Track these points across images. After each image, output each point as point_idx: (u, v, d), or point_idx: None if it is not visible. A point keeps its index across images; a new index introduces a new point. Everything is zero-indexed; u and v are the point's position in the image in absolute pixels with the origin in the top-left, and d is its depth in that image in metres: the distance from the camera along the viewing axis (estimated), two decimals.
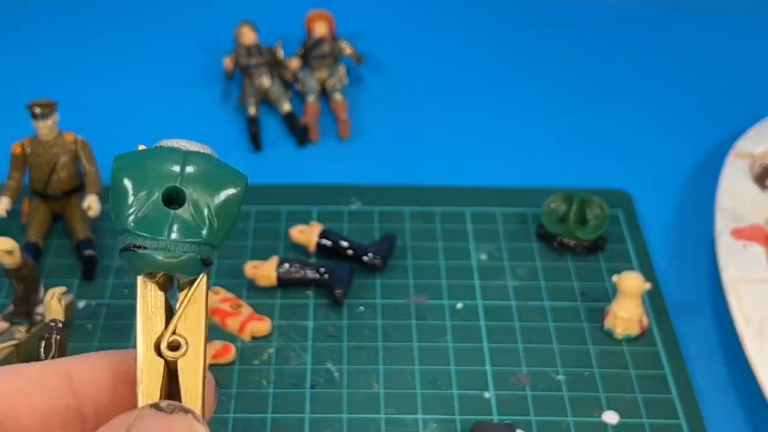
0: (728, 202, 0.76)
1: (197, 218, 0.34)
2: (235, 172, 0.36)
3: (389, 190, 0.83)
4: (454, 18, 1.10)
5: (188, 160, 0.35)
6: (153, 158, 0.35)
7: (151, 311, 0.34)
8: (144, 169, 0.34)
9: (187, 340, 0.34)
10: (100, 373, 0.35)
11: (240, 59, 0.94)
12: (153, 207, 0.34)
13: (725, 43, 1.05)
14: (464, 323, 0.70)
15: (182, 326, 0.34)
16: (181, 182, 0.34)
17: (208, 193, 0.34)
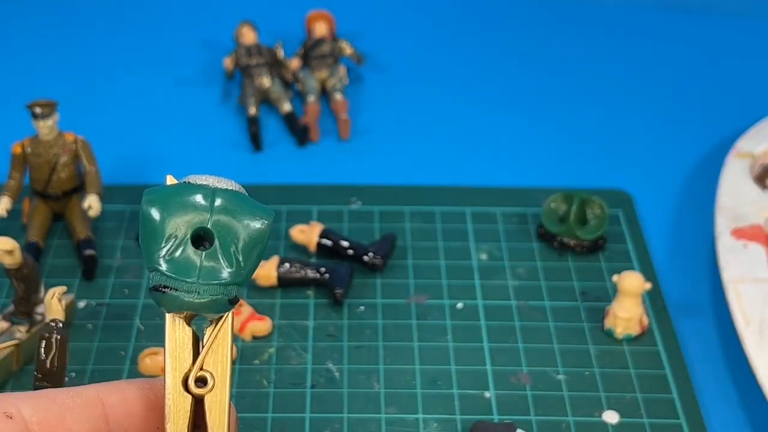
0: (728, 202, 0.76)
1: (225, 259, 0.35)
2: (262, 210, 0.36)
3: (389, 190, 0.83)
4: (454, 18, 1.10)
5: (217, 199, 0.35)
6: (183, 196, 0.35)
7: (179, 347, 0.35)
8: (174, 208, 0.35)
9: (213, 376, 0.35)
10: (131, 401, 0.36)
11: (240, 59, 0.94)
12: (182, 247, 0.34)
13: (725, 43, 1.05)
14: (464, 323, 0.70)
15: (209, 361, 0.35)
16: (209, 223, 0.35)
17: (236, 234, 0.35)
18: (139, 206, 0.36)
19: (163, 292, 0.34)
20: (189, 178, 0.36)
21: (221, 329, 0.36)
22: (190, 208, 0.35)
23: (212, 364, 0.35)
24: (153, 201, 0.35)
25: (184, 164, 0.86)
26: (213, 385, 0.35)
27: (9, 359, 0.64)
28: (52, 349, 0.56)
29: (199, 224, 0.35)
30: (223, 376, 0.35)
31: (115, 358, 0.67)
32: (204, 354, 0.35)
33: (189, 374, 0.35)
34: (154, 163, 0.86)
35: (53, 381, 0.57)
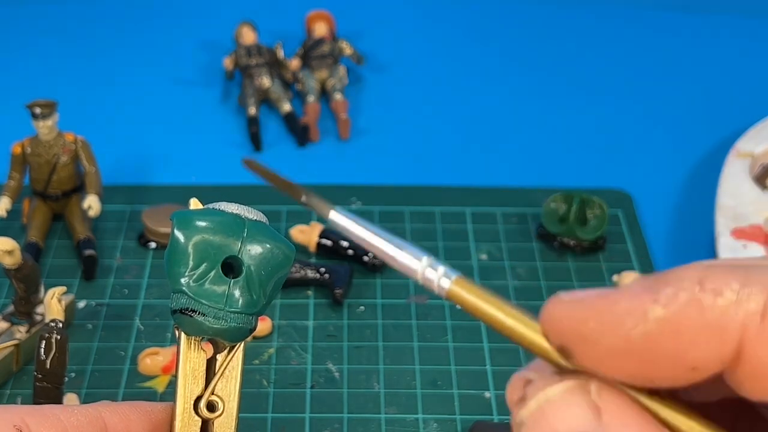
0: (728, 201, 0.76)
1: (251, 290, 0.36)
2: (286, 244, 0.37)
3: (389, 190, 0.83)
4: (454, 18, 1.10)
5: (247, 229, 0.36)
6: (215, 223, 0.36)
7: (193, 370, 0.36)
8: (206, 234, 0.36)
9: (223, 401, 0.36)
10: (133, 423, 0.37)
11: (240, 59, 0.94)
12: (212, 274, 0.35)
13: (725, 43, 1.05)
14: (464, 323, 0.70)
15: (220, 387, 0.36)
16: (240, 252, 0.36)
17: (263, 266, 0.36)
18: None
19: (190, 316, 0.35)
20: (218, 205, 0.37)
21: (234, 356, 0.37)
22: (222, 235, 0.36)
23: (223, 389, 0.36)
24: (185, 225, 0.36)
25: (184, 164, 0.86)
26: (222, 410, 0.36)
27: (9, 359, 0.64)
28: (52, 349, 0.56)
29: (231, 253, 0.36)
30: (233, 402, 0.36)
31: (115, 358, 0.67)
32: (216, 379, 0.36)
33: (201, 398, 0.36)
34: (154, 163, 0.86)
35: (53, 381, 0.57)
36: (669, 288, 0.25)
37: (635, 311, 0.25)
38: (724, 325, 0.25)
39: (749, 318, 0.25)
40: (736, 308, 0.25)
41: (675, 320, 0.25)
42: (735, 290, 0.25)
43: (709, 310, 0.25)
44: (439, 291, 0.29)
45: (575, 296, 0.27)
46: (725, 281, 0.25)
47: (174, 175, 0.85)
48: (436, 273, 0.29)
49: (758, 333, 0.25)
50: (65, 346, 0.57)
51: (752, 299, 0.25)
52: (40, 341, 0.57)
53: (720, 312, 0.25)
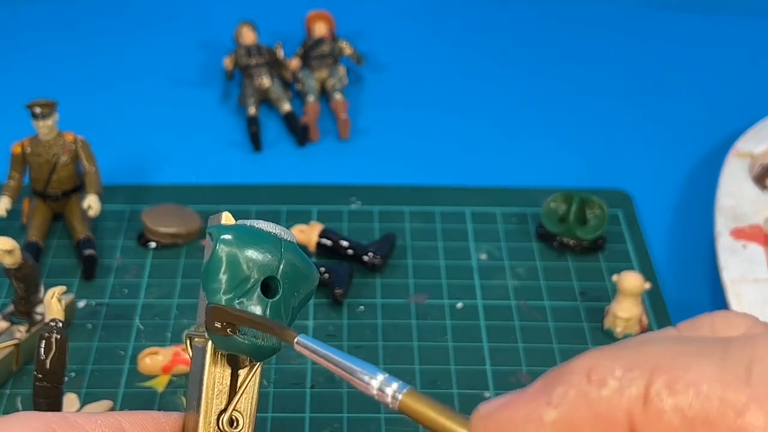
0: (728, 202, 0.76)
1: (285, 311, 0.36)
2: (314, 268, 0.38)
3: (389, 190, 0.83)
4: (454, 18, 1.10)
5: (284, 250, 0.37)
6: (256, 242, 0.36)
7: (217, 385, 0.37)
8: (248, 252, 0.36)
9: (243, 417, 0.37)
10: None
11: (240, 59, 0.94)
12: (253, 294, 0.36)
13: (725, 43, 1.05)
14: (464, 323, 0.70)
15: (240, 403, 0.37)
16: (279, 273, 0.36)
17: (296, 288, 0.37)
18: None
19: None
20: (254, 223, 0.37)
21: (255, 374, 0.37)
22: (263, 255, 0.36)
23: (243, 405, 0.37)
24: (227, 242, 0.36)
25: (184, 164, 0.86)
26: (242, 425, 0.37)
27: (9, 359, 0.64)
28: (52, 349, 0.56)
29: (271, 273, 0.36)
30: (251, 418, 0.37)
31: (115, 358, 0.67)
32: (240, 395, 0.37)
33: (224, 413, 0.37)
34: (154, 163, 0.86)
35: (53, 381, 0.57)
36: (560, 387, 0.26)
37: (532, 417, 0.27)
38: (612, 416, 0.26)
39: (633, 404, 0.25)
40: (619, 396, 0.26)
41: (568, 419, 0.26)
42: (618, 377, 0.26)
43: (596, 403, 0.26)
44: (392, 403, 0.31)
45: (490, 407, 0.28)
46: (609, 369, 0.26)
47: (174, 175, 0.85)
48: (390, 388, 0.31)
49: (644, 417, 0.25)
50: (65, 346, 0.57)
51: (634, 384, 0.26)
52: (40, 341, 0.57)
53: (606, 403, 0.26)
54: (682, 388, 0.25)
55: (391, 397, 0.31)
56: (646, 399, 0.25)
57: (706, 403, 0.25)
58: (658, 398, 0.25)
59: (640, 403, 0.25)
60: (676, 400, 0.25)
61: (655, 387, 0.25)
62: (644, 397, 0.25)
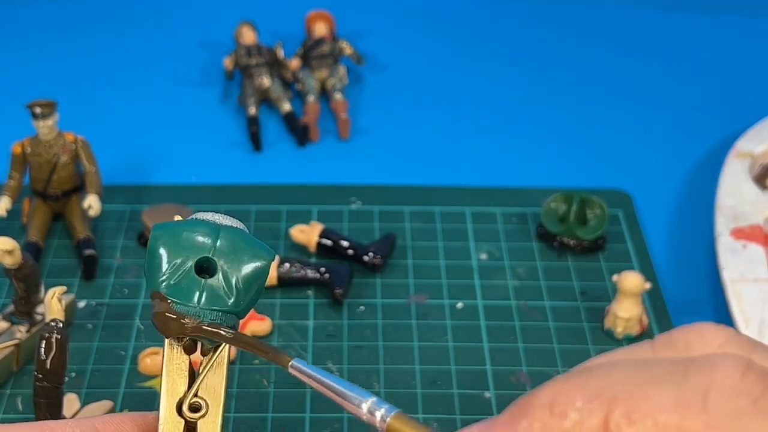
0: (728, 202, 0.76)
1: (226, 288, 0.36)
2: (264, 247, 0.38)
3: (389, 190, 0.83)
4: (454, 18, 1.10)
5: (221, 233, 0.37)
6: (188, 229, 0.37)
7: (175, 373, 0.37)
8: (179, 239, 0.36)
9: (207, 403, 0.36)
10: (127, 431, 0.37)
11: (240, 59, 0.94)
12: (185, 275, 0.36)
13: (725, 43, 1.05)
14: (464, 323, 0.70)
15: (204, 389, 0.36)
16: (213, 253, 0.36)
17: (238, 266, 0.37)
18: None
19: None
20: (196, 215, 0.38)
21: (218, 358, 0.37)
22: (195, 240, 0.36)
23: (207, 391, 0.36)
24: (160, 234, 0.37)
25: (184, 164, 0.86)
26: (206, 411, 0.36)
27: (9, 359, 0.64)
28: (52, 349, 0.56)
29: (203, 255, 0.36)
30: (217, 403, 0.36)
31: (115, 358, 0.67)
32: (199, 381, 0.36)
33: (183, 400, 0.36)
34: (154, 163, 0.86)
35: (53, 381, 0.57)
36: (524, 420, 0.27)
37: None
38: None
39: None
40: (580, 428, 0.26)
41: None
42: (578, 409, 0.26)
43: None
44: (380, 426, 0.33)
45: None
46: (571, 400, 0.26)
47: (174, 175, 0.85)
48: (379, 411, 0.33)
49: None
50: (65, 346, 0.57)
51: (594, 415, 0.26)
52: (40, 341, 0.57)
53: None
54: (640, 418, 0.25)
55: (380, 419, 0.33)
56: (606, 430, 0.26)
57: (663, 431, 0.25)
58: (617, 429, 0.26)
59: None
60: (634, 430, 0.25)
61: (613, 418, 0.26)
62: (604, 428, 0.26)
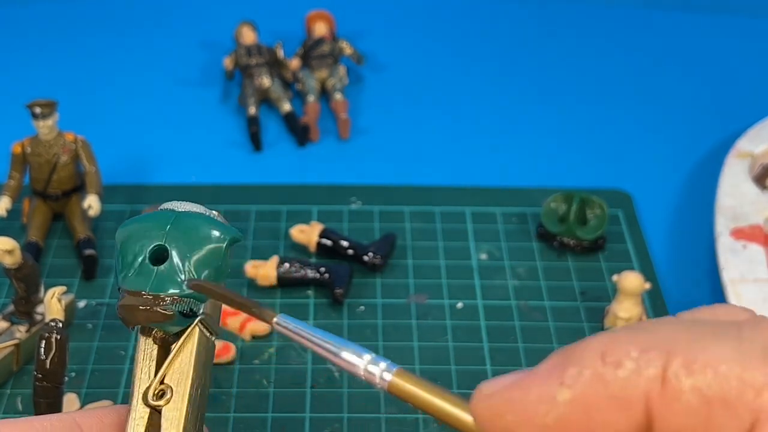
0: (728, 202, 0.76)
1: (178, 273, 0.36)
2: (220, 228, 0.37)
3: (389, 190, 0.83)
4: (454, 18, 1.10)
5: (176, 219, 0.37)
6: (147, 221, 0.37)
7: (145, 363, 0.36)
8: (137, 231, 0.37)
9: (172, 389, 0.36)
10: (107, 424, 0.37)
11: (240, 59, 0.94)
12: (140, 265, 0.36)
13: (725, 43, 1.05)
14: (464, 323, 0.70)
15: (171, 376, 0.36)
16: (165, 240, 0.36)
17: (190, 249, 0.36)
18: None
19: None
20: (162, 206, 0.38)
21: (185, 343, 0.36)
22: (149, 230, 0.36)
23: (174, 377, 0.36)
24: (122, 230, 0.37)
25: (184, 164, 0.86)
26: (170, 397, 0.36)
27: (9, 359, 0.64)
28: (52, 349, 0.56)
29: (156, 242, 0.36)
30: (183, 390, 0.36)
31: (115, 358, 0.67)
32: (165, 368, 0.36)
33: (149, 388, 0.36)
34: (154, 163, 0.86)
35: (53, 381, 0.57)
36: (573, 367, 0.26)
37: (545, 397, 0.26)
38: (628, 396, 0.26)
39: (650, 385, 0.25)
40: (636, 377, 0.26)
41: (583, 399, 0.26)
42: (634, 359, 0.26)
43: (612, 384, 0.26)
44: (381, 384, 0.30)
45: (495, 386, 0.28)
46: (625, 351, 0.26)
47: (174, 175, 0.85)
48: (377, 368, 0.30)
49: (661, 398, 0.25)
50: (65, 346, 0.57)
51: (651, 365, 0.26)
52: (40, 341, 0.57)
53: (622, 384, 0.26)
54: (700, 368, 0.25)
55: (379, 377, 0.30)
56: (664, 380, 0.25)
57: (724, 383, 0.25)
58: (676, 379, 0.25)
59: (658, 384, 0.25)
60: (694, 380, 0.25)
61: (672, 368, 0.25)
62: (662, 378, 0.25)
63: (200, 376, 0.36)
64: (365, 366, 0.30)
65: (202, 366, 0.36)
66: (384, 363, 0.30)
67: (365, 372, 0.30)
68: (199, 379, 0.36)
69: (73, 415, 0.37)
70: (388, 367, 0.30)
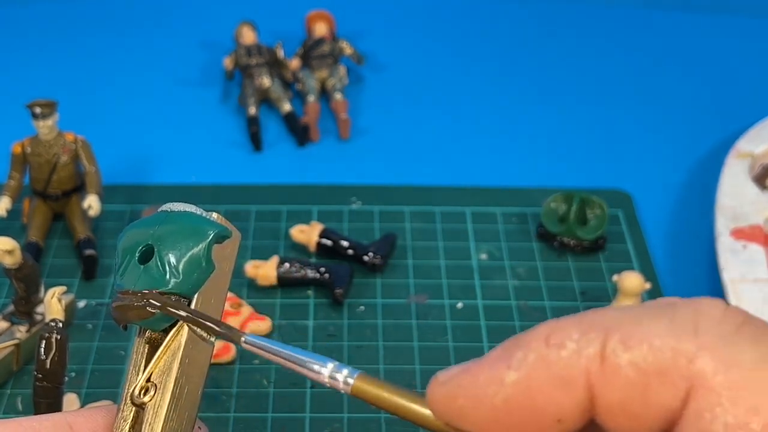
0: (728, 202, 0.76)
1: (164, 270, 0.36)
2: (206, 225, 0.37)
3: (389, 190, 0.83)
4: (453, 18, 1.10)
5: (167, 219, 0.37)
6: (142, 224, 0.37)
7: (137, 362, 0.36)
8: (133, 235, 0.37)
9: (156, 386, 0.36)
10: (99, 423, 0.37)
11: (240, 59, 0.94)
12: (130, 265, 0.36)
13: (725, 43, 1.05)
14: (464, 323, 0.70)
15: (157, 374, 0.36)
16: (152, 240, 0.36)
17: (174, 246, 0.36)
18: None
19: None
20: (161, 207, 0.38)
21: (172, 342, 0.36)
22: (141, 232, 0.37)
23: (159, 375, 0.36)
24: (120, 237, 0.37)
25: (184, 164, 0.86)
26: (153, 394, 0.36)
27: (9, 359, 0.64)
28: (52, 349, 0.56)
29: (145, 241, 0.36)
30: (167, 386, 0.36)
31: (115, 358, 0.67)
32: (152, 366, 0.36)
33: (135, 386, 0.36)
34: (154, 163, 0.86)
35: (53, 381, 0.57)
36: (520, 351, 0.28)
37: (493, 380, 0.28)
38: (570, 375, 0.27)
39: (590, 363, 0.27)
40: (577, 357, 0.27)
41: (527, 381, 0.27)
42: (575, 340, 0.27)
43: (554, 364, 0.27)
44: (344, 388, 0.32)
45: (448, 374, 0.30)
46: (567, 334, 0.27)
47: (174, 175, 0.85)
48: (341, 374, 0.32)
49: (601, 374, 0.27)
50: (65, 346, 0.57)
51: (591, 345, 0.27)
52: (40, 341, 0.57)
53: (564, 364, 0.27)
54: (636, 343, 0.26)
55: (343, 382, 0.32)
56: (603, 356, 0.27)
57: (659, 354, 0.26)
58: (614, 355, 0.26)
59: (597, 361, 0.27)
60: (631, 354, 0.26)
61: (610, 344, 0.27)
62: (600, 355, 0.27)
63: (187, 373, 0.36)
64: (329, 373, 0.32)
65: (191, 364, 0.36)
66: (346, 369, 0.32)
67: (330, 379, 0.32)
68: (186, 376, 0.36)
69: (65, 415, 0.37)
70: (350, 372, 0.32)
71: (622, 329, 0.27)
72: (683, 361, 0.26)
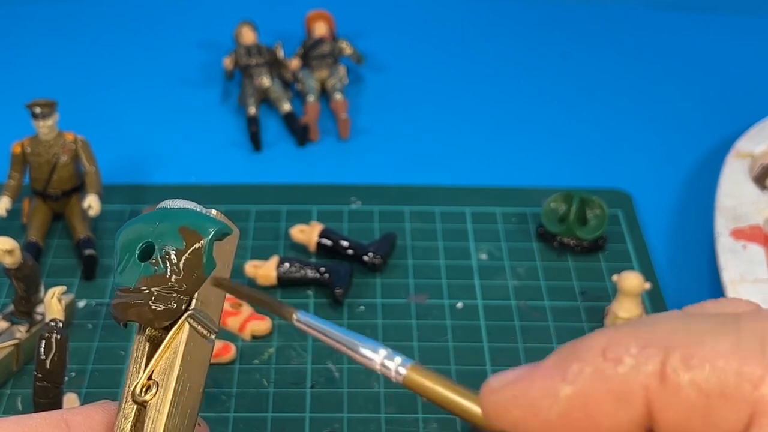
0: (728, 202, 0.76)
1: (162, 268, 0.36)
2: (208, 222, 0.37)
3: (389, 190, 0.83)
4: (454, 18, 1.10)
5: (167, 216, 0.37)
6: (140, 221, 0.37)
7: (137, 360, 0.36)
8: (131, 232, 0.37)
9: (158, 384, 0.36)
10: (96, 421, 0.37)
11: (240, 59, 0.94)
12: (130, 263, 0.36)
13: (725, 43, 1.05)
14: (464, 323, 0.70)
15: (158, 372, 0.36)
16: (152, 237, 0.36)
17: (174, 244, 0.36)
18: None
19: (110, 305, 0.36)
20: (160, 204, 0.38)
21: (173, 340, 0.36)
22: (141, 229, 0.37)
23: (161, 373, 0.36)
24: (119, 235, 0.37)
25: (184, 164, 0.86)
26: (155, 392, 0.36)
27: (9, 359, 0.64)
28: (52, 349, 0.56)
29: (146, 238, 0.36)
30: (169, 384, 0.36)
31: (115, 357, 0.67)
32: (153, 364, 0.36)
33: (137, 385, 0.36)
34: (154, 163, 0.86)
35: (53, 381, 0.57)
36: (575, 364, 0.27)
37: (548, 392, 0.27)
38: (628, 392, 0.26)
39: (649, 380, 0.26)
40: (635, 373, 0.26)
41: (583, 395, 0.27)
42: (634, 355, 0.26)
43: (611, 380, 0.26)
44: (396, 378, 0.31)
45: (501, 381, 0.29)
46: (625, 347, 0.27)
47: (174, 175, 0.85)
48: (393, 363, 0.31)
49: (660, 393, 0.26)
50: (65, 346, 0.57)
51: (650, 361, 0.26)
52: (40, 341, 0.57)
53: (621, 379, 0.26)
54: (698, 363, 0.25)
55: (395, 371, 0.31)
56: (663, 375, 0.26)
57: (722, 376, 0.25)
58: (675, 374, 0.26)
59: (657, 379, 0.26)
60: (692, 375, 0.25)
61: (671, 363, 0.26)
62: (660, 374, 0.26)
63: (188, 371, 0.36)
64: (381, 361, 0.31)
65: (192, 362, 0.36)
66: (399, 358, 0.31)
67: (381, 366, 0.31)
68: (187, 374, 0.36)
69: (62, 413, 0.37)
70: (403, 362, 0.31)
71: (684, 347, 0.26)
72: (748, 385, 0.25)
